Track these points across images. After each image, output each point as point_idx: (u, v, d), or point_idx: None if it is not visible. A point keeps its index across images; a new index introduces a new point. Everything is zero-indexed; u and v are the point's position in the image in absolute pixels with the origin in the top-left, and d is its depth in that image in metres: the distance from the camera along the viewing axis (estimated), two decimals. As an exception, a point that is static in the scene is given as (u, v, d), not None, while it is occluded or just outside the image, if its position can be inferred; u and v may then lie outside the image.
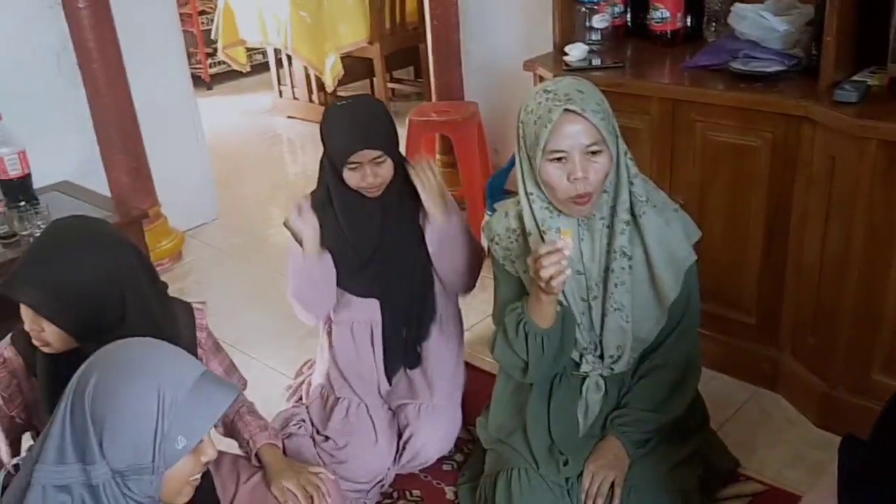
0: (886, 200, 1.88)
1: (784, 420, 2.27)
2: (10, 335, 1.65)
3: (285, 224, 2.10)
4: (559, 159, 1.60)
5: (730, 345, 2.37)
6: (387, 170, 2.02)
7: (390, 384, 2.23)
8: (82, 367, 1.23)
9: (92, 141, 3.18)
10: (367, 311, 2.20)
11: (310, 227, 2.06)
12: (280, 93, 5.72)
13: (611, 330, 1.74)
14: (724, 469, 2.03)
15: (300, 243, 2.07)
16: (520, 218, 1.75)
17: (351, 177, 2.01)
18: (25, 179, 2.71)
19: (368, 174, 2.00)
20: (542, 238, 1.68)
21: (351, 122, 1.99)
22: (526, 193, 1.70)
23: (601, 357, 1.78)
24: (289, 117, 5.62)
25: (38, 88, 3.06)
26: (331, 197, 2.09)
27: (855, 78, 2.02)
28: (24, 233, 2.57)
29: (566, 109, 1.56)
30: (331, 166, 2.05)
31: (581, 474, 1.79)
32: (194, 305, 1.78)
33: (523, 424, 1.87)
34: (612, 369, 1.78)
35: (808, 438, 2.17)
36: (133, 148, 3.24)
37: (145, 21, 3.37)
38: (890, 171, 1.85)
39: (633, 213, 1.68)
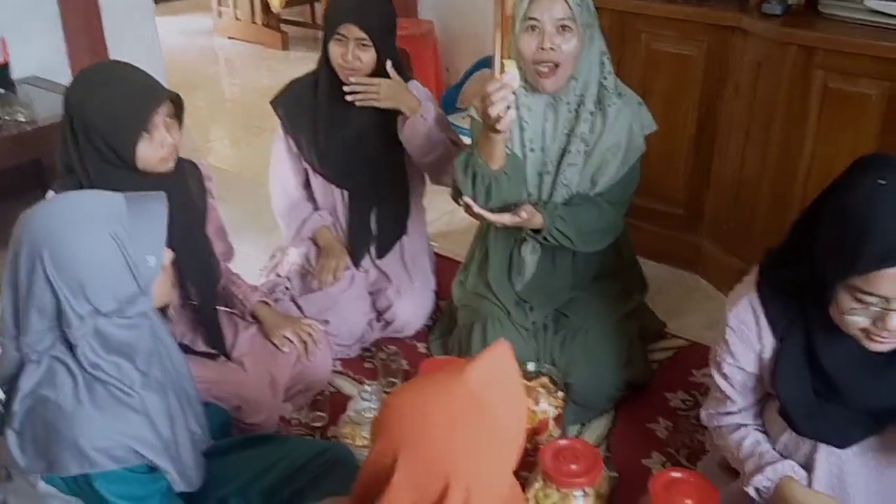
0: (801, 99, 2.23)
1: (704, 295, 2.65)
2: None
3: None
4: (532, 28, 1.85)
5: (658, 234, 2.72)
6: (369, 58, 2.14)
7: (357, 268, 2.41)
8: (11, 252, 1.27)
9: (60, 39, 3.25)
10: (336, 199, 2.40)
11: None
12: (219, 13, 5.76)
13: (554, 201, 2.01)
14: (654, 329, 2.39)
15: None
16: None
17: (334, 48, 2.14)
18: (5, 68, 2.80)
19: (350, 53, 2.12)
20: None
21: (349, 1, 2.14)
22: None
23: None
24: (230, 38, 5.67)
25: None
26: (318, 80, 2.25)
27: (778, -4, 2.36)
28: (7, 118, 2.67)
29: None
30: (323, 39, 2.19)
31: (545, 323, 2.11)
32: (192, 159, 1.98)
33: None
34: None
35: (723, 308, 2.53)
36: (100, 51, 3.33)
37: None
38: (806, 72, 2.20)
39: (600, 105, 1.94)
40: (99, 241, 1.26)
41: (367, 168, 2.31)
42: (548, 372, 1.98)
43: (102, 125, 1.65)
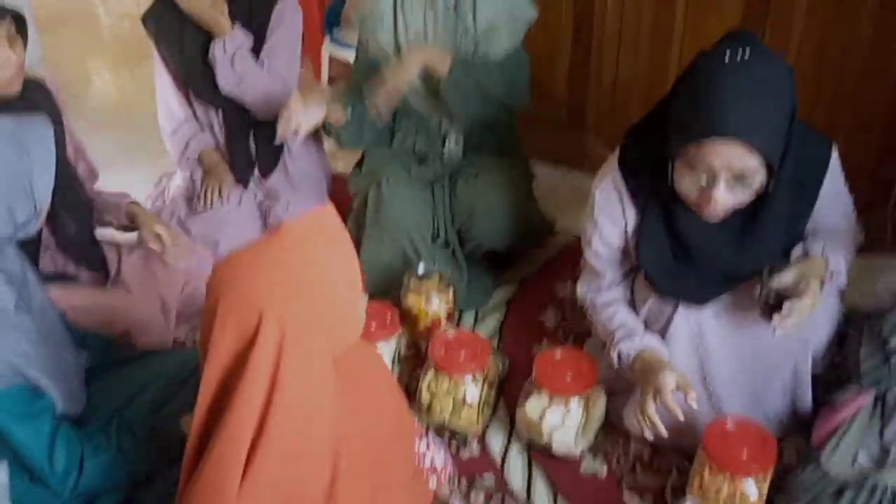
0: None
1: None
2: None
3: None
4: None
5: (544, 136, 2.77)
6: None
7: (245, 187, 2.38)
8: None
9: None
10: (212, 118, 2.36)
11: None
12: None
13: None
14: (543, 227, 2.45)
15: None
16: None
17: None
18: None
19: None
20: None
21: None
22: None
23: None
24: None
25: None
26: None
27: None
28: None
29: None
30: None
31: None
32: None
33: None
34: None
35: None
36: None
37: None
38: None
39: None
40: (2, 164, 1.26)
41: None
42: (437, 271, 2.02)
43: None
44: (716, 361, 1.57)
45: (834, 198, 1.53)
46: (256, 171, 2.39)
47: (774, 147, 1.34)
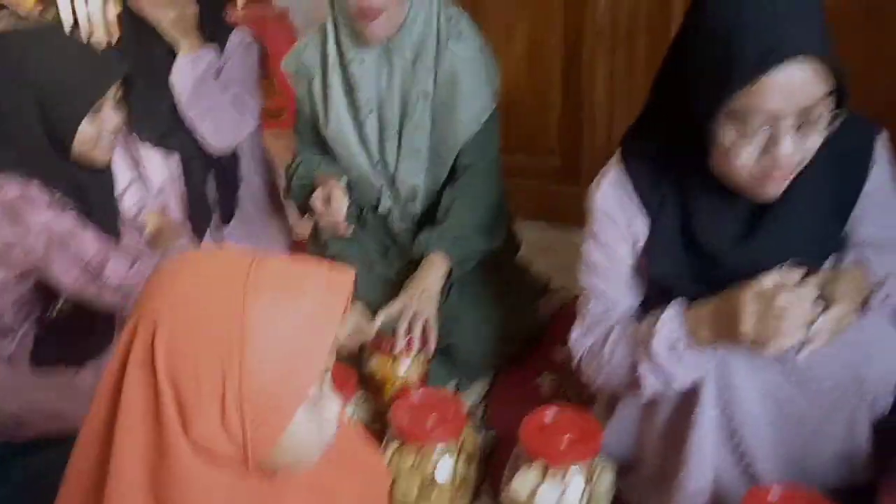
0: (662, 18, 2.07)
1: (590, 249, 2.43)
2: None
3: None
4: None
5: (538, 190, 2.52)
6: None
7: (201, 239, 2.14)
8: None
9: None
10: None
11: None
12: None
13: (405, 171, 1.77)
14: (537, 285, 2.15)
15: None
16: (322, 47, 1.76)
17: None
18: None
19: None
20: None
21: None
22: (333, 20, 1.71)
23: (397, 196, 1.83)
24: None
25: None
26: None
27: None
28: None
29: None
30: None
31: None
32: None
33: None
34: (407, 208, 1.83)
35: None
36: None
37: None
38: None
39: (438, 56, 1.69)
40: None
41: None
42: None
43: (44, 91, 1.40)
44: (746, 413, 1.23)
45: (883, 199, 1.21)
46: (213, 221, 2.15)
47: (838, 59, 1.01)
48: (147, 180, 2.15)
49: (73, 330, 1.65)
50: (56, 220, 1.43)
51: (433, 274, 1.69)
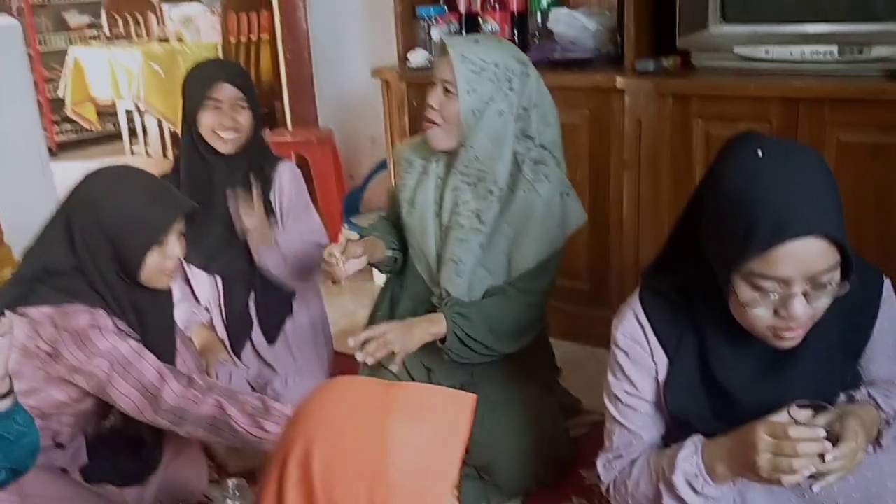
0: (684, 148, 2.19)
1: (619, 371, 2.48)
2: None
3: None
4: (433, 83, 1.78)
5: (567, 312, 2.60)
6: (245, 119, 2.05)
7: (239, 359, 2.21)
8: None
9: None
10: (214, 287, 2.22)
11: None
12: (131, 151, 5.72)
13: (442, 274, 1.87)
14: (568, 405, 2.21)
15: None
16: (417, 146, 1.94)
17: (207, 117, 2.01)
18: None
19: (227, 116, 2.02)
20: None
21: (216, 64, 2.09)
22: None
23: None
24: (142, 174, 5.60)
25: None
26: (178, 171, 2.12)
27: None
28: None
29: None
30: (186, 119, 2.06)
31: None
32: None
33: None
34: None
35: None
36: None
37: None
38: (684, 123, 2.18)
39: (513, 187, 1.77)
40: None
41: (238, 248, 2.16)
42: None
43: (115, 228, 1.54)
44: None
45: (892, 338, 1.28)
46: (251, 342, 2.22)
47: (845, 235, 1.11)
48: (195, 297, 2.28)
49: (122, 449, 1.74)
50: (119, 347, 1.53)
51: (427, 325, 1.79)
